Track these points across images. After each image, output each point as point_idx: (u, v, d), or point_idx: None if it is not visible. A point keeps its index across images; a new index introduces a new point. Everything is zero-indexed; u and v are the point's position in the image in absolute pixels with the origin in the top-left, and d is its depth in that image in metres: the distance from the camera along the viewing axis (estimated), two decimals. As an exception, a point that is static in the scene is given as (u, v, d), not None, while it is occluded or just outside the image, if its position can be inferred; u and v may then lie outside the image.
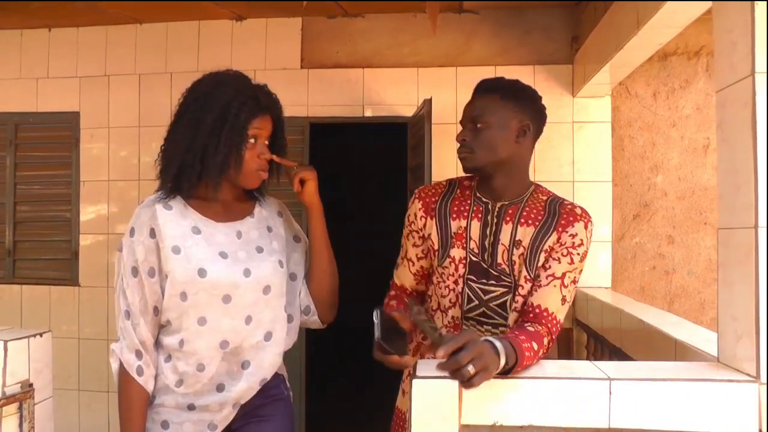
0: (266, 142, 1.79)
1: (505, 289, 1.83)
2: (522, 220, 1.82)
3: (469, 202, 1.90)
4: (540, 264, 1.79)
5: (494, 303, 1.84)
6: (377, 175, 6.43)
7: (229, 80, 1.77)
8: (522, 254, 1.80)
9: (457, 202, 1.91)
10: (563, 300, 1.77)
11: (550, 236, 1.79)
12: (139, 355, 1.72)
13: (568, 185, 3.77)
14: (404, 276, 2.03)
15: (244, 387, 1.75)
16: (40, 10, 3.89)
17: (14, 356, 1.96)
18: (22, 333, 2.03)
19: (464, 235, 1.86)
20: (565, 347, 3.66)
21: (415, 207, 1.95)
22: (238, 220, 1.83)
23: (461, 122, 1.87)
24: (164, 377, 1.76)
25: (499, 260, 1.82)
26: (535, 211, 1.83)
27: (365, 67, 3.99)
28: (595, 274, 3.75)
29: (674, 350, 2.06)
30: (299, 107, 3.89)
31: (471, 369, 1.33)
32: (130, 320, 1.73)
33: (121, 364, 1.73)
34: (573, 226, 1.79)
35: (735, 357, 1.50)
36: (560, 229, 1.79)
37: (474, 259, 1.85)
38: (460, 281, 1.87)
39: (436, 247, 1.90)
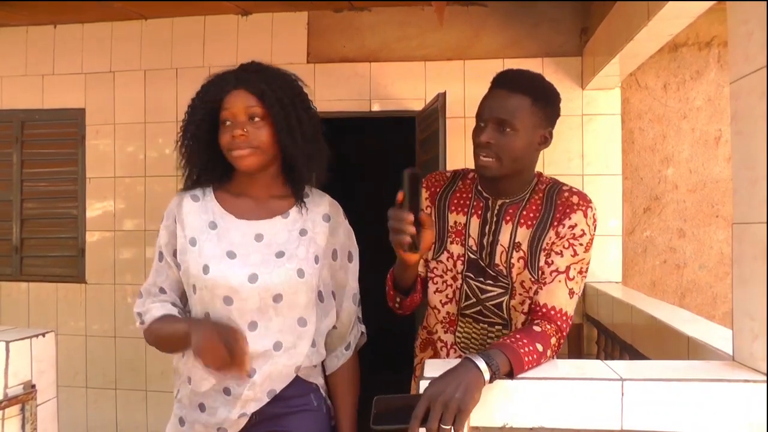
0: (253, 119, 1.63)
1: (502, 290, 1.77)
2: (522, 221, 1.75)
3: (470, 196, 1.84)
4: (541, 264, 1.72)
5: (491, 303, 1.79)
6: (383, 170, 6.39)
7: (222, 72, 1.72)
8: (522, 257, 1.74)
9: (458, 195, 1.85)
10: (571, 293, 1.69)
11: (546, 233, 1.72)
12: (139, 316, 1.74)
13: (578, 178, 3.74)
14: None
15: (250, 395, 1.65)
16: (45, 7, 3.88)
17: (16, 357, 1.93)
18: (24, 333, 2.00)
19: (463, 231, 1.81)
20: (575, 343, 3.63)
21: (424, 194, 1.89)
22: (265, 219, 1.71)
23: (482, 118, 1.71)
24: (180, 370, 1.74)
25: (497, 261, 1.76)
26: (534, 207, 1.75)
27: (372, 61, 3.96)
28: (606, 268, 3.73)
29: (687, 348, 2.03)
30: (306, 102, 3.83)
31: (447, 426, 1.29)
32: (141, 298, 1.75)
33: (142, 326, 1.73)
34: (570, 217, 1.70)
35: (751, 356, 1.46)
36: (556, 223, 1.71)
37: (472, 256, 1.80)
38: (459, 277, 1.82)
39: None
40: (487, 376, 1.36)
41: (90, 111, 4.22)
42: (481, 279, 1.79)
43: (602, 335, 3.29)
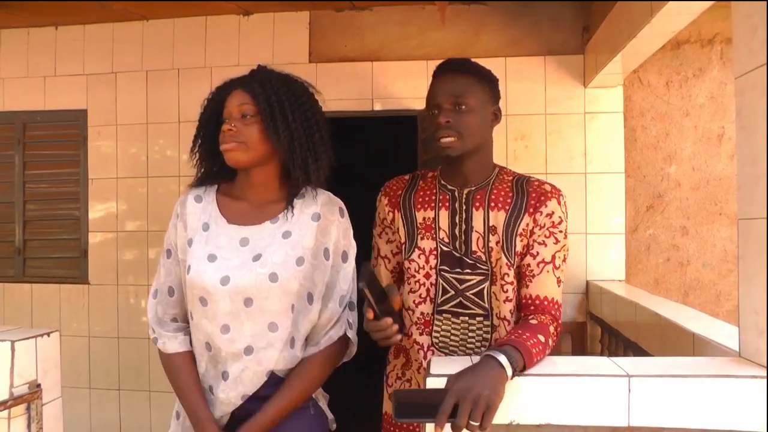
0: (245, 117, 1.67)
1: (481, 277, 1.79)
2: (492, 205, 1.78)
3: (434, 191, 1.86)
4: (517, 249, 1.76)
5: (471, 292, 1.80)
6: (383, 170, 6.37)
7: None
8: (498, 241, 1.76)
9: (421, 193, 1.88)
10: (558, 281, 1.76)
11: (522, 219, 1.76)
12: (153, 330, 1.80)
13: (580, 177, 3.73)
14: (383, 275, 2.00)
15: (223, 398, 1.67)
16: (46, 9, 3.88)
17: (21, 357, 1.94)
18: (29, 333, 2.01)
19: (433, 225, 1.83)
20: (579, 341, 3.62)
21: (383, 203, 1.95)
22: (255, 224, 1.71)
23: (435, 103, 1.77)
24: None
25: (474, 248, 1.79)
26: (503, 193, 1.79)
27: (373, 61, 3.95)
28: (609, 266, 3.72)
29: (692, 344, 2.02)
30: (307, 102, 3.82)
31: (476, 423, 1.29)
32: (155, 298, 1.79)
33: (156, 343, 1.80)
34: (546, 205, 1.75)
35: (757, 351, 1.45)
36: (531, 210, 1.75)
37: (445, 249, 1.81)
38: (433, 273, 1.83)
39: (402, 240, 1.88)
40: (509, 372, 1.37)
41: (92, 112, 4.21)
42: (458, 270, 1.81)
43: (606, 333, 3.29)
